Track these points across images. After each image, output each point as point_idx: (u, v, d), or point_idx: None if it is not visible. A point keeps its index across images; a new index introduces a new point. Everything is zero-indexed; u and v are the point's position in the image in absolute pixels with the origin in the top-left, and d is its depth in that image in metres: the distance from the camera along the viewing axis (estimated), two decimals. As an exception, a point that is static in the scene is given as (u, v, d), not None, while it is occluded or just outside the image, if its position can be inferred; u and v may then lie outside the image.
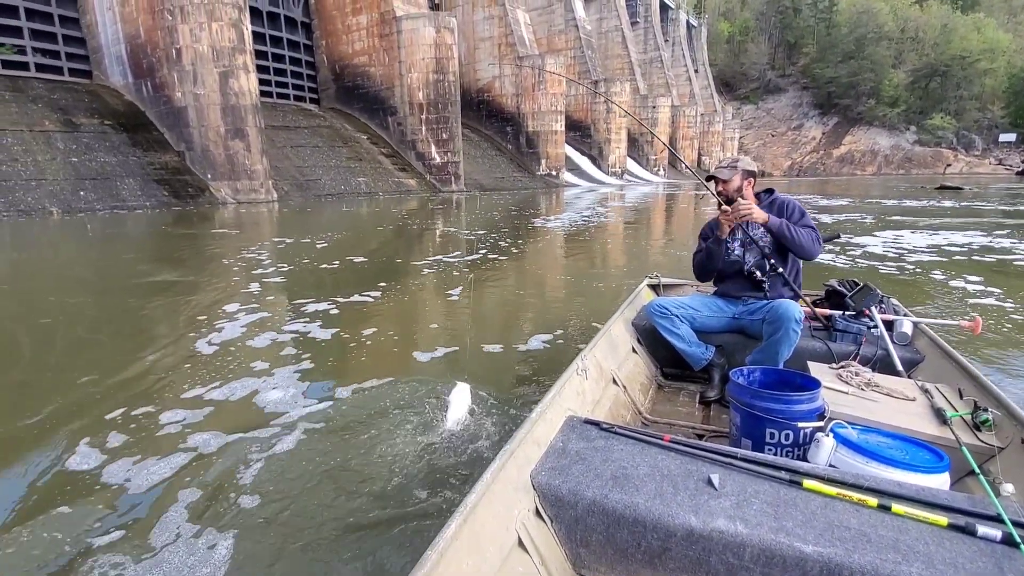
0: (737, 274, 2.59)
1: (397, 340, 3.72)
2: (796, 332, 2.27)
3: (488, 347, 3.56)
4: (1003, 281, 5.92)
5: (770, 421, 1.71)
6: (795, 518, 1.18)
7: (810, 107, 66.58)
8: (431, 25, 22.35)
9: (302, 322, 4.08)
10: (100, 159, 15.74)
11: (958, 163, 57.12)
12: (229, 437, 2.32)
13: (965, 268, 6.63)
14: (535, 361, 3.31)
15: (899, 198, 20.60)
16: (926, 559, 1.06)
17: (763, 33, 72.33)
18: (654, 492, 1.28)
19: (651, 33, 49.82)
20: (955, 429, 1.64)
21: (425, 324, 4.22)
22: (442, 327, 4.08)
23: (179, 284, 5.79)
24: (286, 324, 4.06)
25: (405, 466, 2.04)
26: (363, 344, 3.61)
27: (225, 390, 2.83)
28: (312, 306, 4.55)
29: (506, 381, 2.93)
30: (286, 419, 2.46)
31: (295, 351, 3.45)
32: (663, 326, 2.56)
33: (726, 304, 2.64)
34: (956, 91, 58.89)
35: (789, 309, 2.28)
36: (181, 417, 2.51)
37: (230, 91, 16.25)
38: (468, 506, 1.15)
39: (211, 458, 2.17)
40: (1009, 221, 12.54)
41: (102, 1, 18.71)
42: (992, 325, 4.10)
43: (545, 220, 12.92)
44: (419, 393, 2.69)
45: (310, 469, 2.06)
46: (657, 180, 41.46)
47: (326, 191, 19.57)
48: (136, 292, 5.43)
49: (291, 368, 3.12)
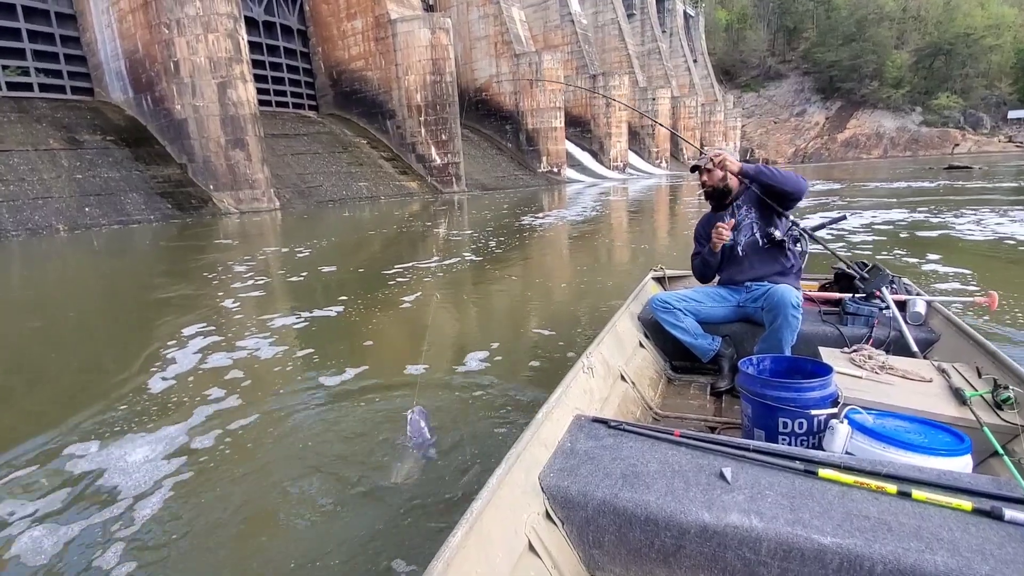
0: (732, 258, 2.59)
1: (359, 357, 3.52)
2: (796, 317, 2.25)
3: (474, 356, 3.54)
4: (1019, 255, 5.81)
5: (782, 410, 1.68)
6: (812, 509, 1.15)
7: (812, 92, 65.89)
8: (426, 27, 22.38)
9: (264, 338, 3.89)
10: (104, 175, 15.92)
11: (966, 142, 56.27)
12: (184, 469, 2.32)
13: (976, 245, 6.53)
14: (541, 358, 3.29)
15: (907, 180, 20.36)
16: (951, 546, 1.02)
17: (761, 20, 71.68)
18: (665, 489, 1.25)
19: (648, 24, 49.53)
20: (975, 409, 1.59)
21: (390, 339, 4.11)
22: (404, 344, 3.89)
23: (165, 303, 5.52)
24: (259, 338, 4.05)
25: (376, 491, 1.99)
26: (315, 361, 3.46)
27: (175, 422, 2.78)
28: (280, 320, 4.42)
29: (467, 400, 2.74)
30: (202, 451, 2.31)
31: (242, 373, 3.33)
32: (667, 321, 2.55)
33: (729, 293, 2.62)
34: (961, 69, 58.02)
35: (785, 294, 2.26)
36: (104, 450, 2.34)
37: (229, 101, 16.37)
38: (474, 512, 1.12)
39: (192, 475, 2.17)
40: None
41: (100, 18, 18.94)
42: (1009, 299, 4.00)
43: (546, 216, 12.90)
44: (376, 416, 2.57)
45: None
46: (660, 173, 41.25)
47: (328, 197, 19.66)
48: (105, 316, 5.38)
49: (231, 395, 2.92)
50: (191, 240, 11.29)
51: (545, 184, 29.00)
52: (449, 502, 1.83)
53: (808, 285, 2.97)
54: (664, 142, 43.73)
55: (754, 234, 2.53)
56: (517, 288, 5.54)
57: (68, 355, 3.97)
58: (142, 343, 3.98)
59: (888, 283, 2.53)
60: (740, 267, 2.57)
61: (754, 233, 2.52)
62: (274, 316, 4.52)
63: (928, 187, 16.87)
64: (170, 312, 5.00)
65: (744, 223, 2.54)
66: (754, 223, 2.52)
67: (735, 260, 2.59)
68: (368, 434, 2.37)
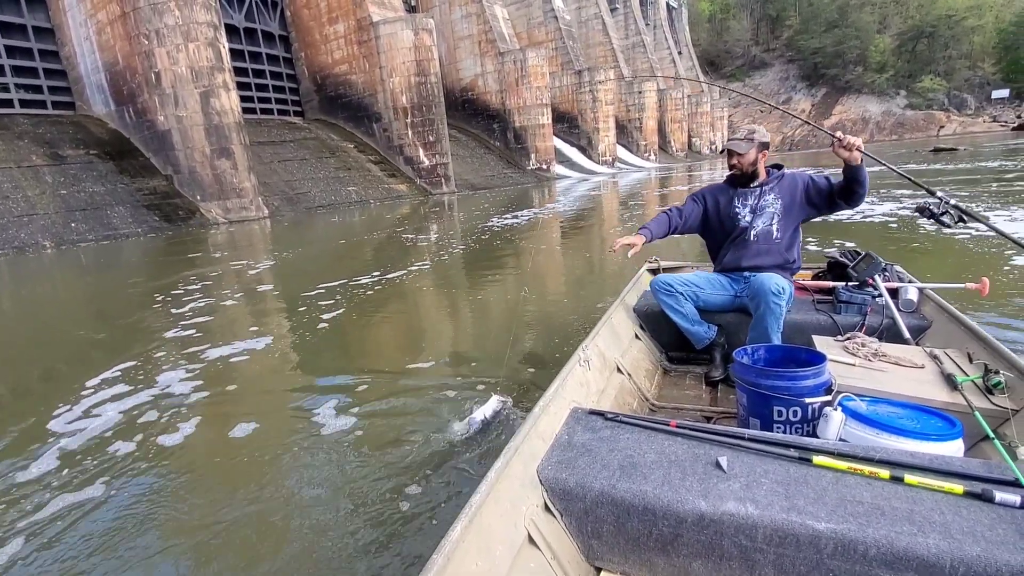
0: (742, 242, 2.56)
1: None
2: (778, 304, 2.25)
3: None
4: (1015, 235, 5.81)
5: (777, 399, 1.70)
6: (806, 496, 1.17)
7: (797, 80, 66.20)
8: (409, 28, 22.27)
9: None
10: (88, 189, 15.76)
11: (951, 124, 56.70)
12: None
13: (966, 228, 6.55)
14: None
15: (895, 163, 20.46)
16: (943, 529, 1.04)
17: (744, 9, 71.92)
18: (662, 479, 1.27)
19: (631, 18, 49.54)
20: (967, 394, 1.61)
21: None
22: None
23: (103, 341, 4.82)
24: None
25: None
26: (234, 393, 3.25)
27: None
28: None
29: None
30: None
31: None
32: (667, 303, 2.55)
33: (729, 282, 2.62)
34: (944, 51, 58.45)
35: (765, 282, 2.26)
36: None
37: (212, 110, 16.24)
38: (473, 506, 1.13)
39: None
40: (1009, 176, 12.42)
41: (79, 31, 18.72)
42: (1000, 285, 4.01)
43: (540, 210, 12.89)
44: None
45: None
46: (649, 165, 41.29)
47: (316, 203, 19.56)
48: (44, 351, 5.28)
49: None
50: (173, 255, 11.19)
51: (535, 181, 28.97)
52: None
53: (802, 275, 3.00)
54: (652, 135, 43.76)
55: (771, 224, 2.49)
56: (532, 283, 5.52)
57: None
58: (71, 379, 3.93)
59: (880, 271, 2.55)
60: (747, 251, 2.54)
61: (772, 223, 2.49)
62: (262, 331, 4.49)
63: (917, 169, 16.96)
64: (129, 343, 4.63)
65: (766, 210, 2.50)
66: (776, 214, 2.48)
67: (744, 244, 2.55)
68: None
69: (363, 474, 2.14)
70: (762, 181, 2.53)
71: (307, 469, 2.22)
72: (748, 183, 2.55)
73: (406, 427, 2.50)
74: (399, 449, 2.30)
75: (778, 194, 2.49)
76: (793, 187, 2.48)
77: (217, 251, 10.78)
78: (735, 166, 2.51)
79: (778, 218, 2.48)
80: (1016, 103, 56.24)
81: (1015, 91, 56.27)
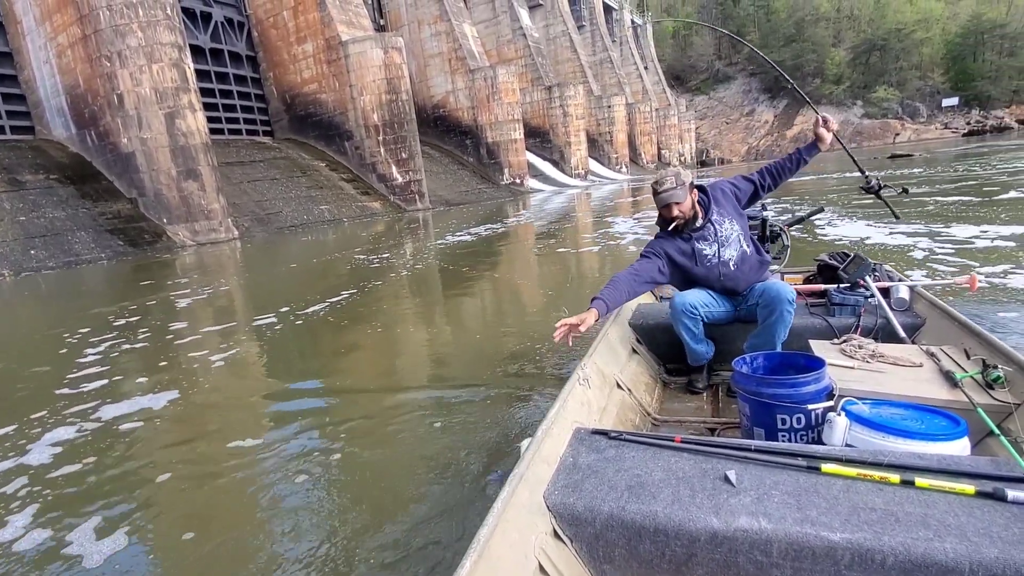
0: (727, 275, 2.42)
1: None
2: (790, 312, 2.24)
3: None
4: (989, 234, 6.00)
5: (779, 407, 1.67)
6: (818, 506, 1.14)
7: (759, 92, 68.40)
8: (378, 47, 22.33)
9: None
10: (48, 215, 15.26)
11: (906, 131, 59.14)
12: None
13: (947, 227, 6.75)
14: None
15: (857, 170, 21.20)
16: (958, 532, 1.02)
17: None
18: (671, 497, 1.23)
19: (598, 35, 50.67)
20: (967, 390, 1.60)
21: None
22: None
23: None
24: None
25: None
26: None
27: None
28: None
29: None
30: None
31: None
32: (686, 325, 2.41)
33: (727, 300, 2.51)
34: (896, 63, 61.20)
35: (782, 291, 2.25)
36: None
37: (178, 132, 15.94)
38: (481, 540, 1.08)
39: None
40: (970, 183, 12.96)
41: (38, 55, 18.27)
42: (988, 278, 4.07)
43: (517, 219, 12.92)
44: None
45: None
46: (621, 177, 41.96)
47: (288, 223, 19.28)
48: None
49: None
50: (132, 281, 10.88)
51: (509, 196, 29.13)
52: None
53: (793, 278, 2.99)
54: (623, 148, 44.57)
55: (741, 245, 2.41)
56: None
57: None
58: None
59: (871, 271, 2.56)
60: (734, 280, 2.44)
61: (741, 244, 2.41)
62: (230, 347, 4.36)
63: (881, 175, 17.59)
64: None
65: (731, 238, 2.40)
66: (740, 234, 2.42)
67: (727, 276, 2.43)
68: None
69: (359, 511, 2.03)
70: (706, 214, 2.41)
71: (288, 512, 2.07)
72: (694, 224, 2.39)
73: (397, 460, 2.40)
74: (395, 485, 2.19)
75: (728, 216, 2.42)
76: (728, 201, 2.46)
77: (185, 275, 10.51)
78: (679, 216, 2.34)
79: (743, 236, 2.44)
80: (965, 110, 59.05)
81: (964, 99, 59.13)
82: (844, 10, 64.96)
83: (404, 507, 1.98)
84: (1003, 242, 5.48)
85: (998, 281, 4.08)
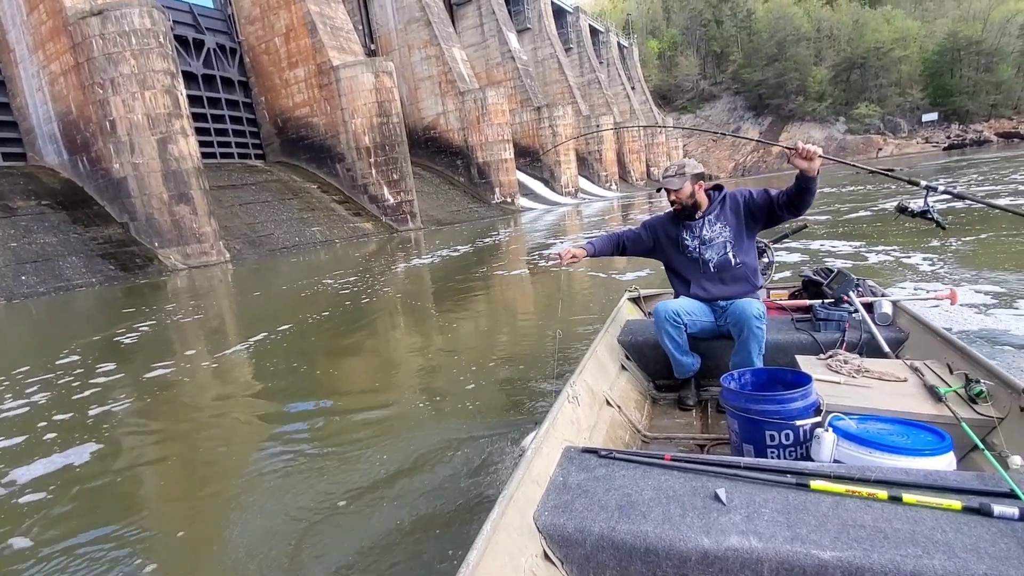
0: (705, 274, 2.52)
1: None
2: (760, 328, 2.26)
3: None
4: (969, 247, 6.12)
5: (768, 423, 1.67)
6: (808, 523, 1.14)
7: (744, 110, 69.68)
8: (369, 71, 22.71)
9: None
10: (40, 240, 15.27)
11: (888, 146, 60.31)
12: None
13: (927, 241, 6.87)
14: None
15: (840, 184, 21.62)
16: (946, 548, 1.02)
17: (691, 46, 75.85)
18: (662, 517, 1.22)
19: (585, 57, 51.65)
20: (951, 405, 1.61)
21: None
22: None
23: None
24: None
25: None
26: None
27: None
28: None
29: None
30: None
31: None
32: (669, 334, 2.45)
33: (708, 310, 2.55)
34: (876, 80, 62.62)
35: (746, 308, 2.28)
36: None
37: (170, 156, 16.08)
38: (470, 564, 1.06)
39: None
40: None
41: (31, 82, 18.45)
42: (967, 293, 4.10)
43: (509, 235, 13.05)
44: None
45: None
46: (611, 195, 42.42)
47: (280, 245, 19.35)
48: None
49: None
50: (120, 305, 10.89)
51: (501, 215, 29.37)
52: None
53: (778, 294, 3.03)
54: (612, 166, 45.14)
55: (727, 253, 2.46)
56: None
57: None
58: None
59: (854, 286, 2.61)
60: (711, 282, 2.51)
61: (727, 252, 2.46)
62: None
63: (863, 191, 17.95)
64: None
65: (716, 240, 2.46)
66: (728, 241, 2.46)
67: (707, 276, 2.51)
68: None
69: (343, 533, 2.00)
70: (705, 210, 2.51)
71: (270, 533, 2.06)
72: (692, 215, 2.51)
73: (382, 480, 2.37)
74: (381, 506, 2.16)
75: (724, 221, 2.47)
76: (736, 209, 2.47)
77: (175, 298, 10.54)
78: (675, 202, 2.50)
79: (731, 245, 2.45)
80: (945, 125, 60.38)
81: (943, 114, 60.51)
82: (824, 30, 66.71)
83: (391, 529, 1.96)
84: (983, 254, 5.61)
85: (977, 296, 4.14)
